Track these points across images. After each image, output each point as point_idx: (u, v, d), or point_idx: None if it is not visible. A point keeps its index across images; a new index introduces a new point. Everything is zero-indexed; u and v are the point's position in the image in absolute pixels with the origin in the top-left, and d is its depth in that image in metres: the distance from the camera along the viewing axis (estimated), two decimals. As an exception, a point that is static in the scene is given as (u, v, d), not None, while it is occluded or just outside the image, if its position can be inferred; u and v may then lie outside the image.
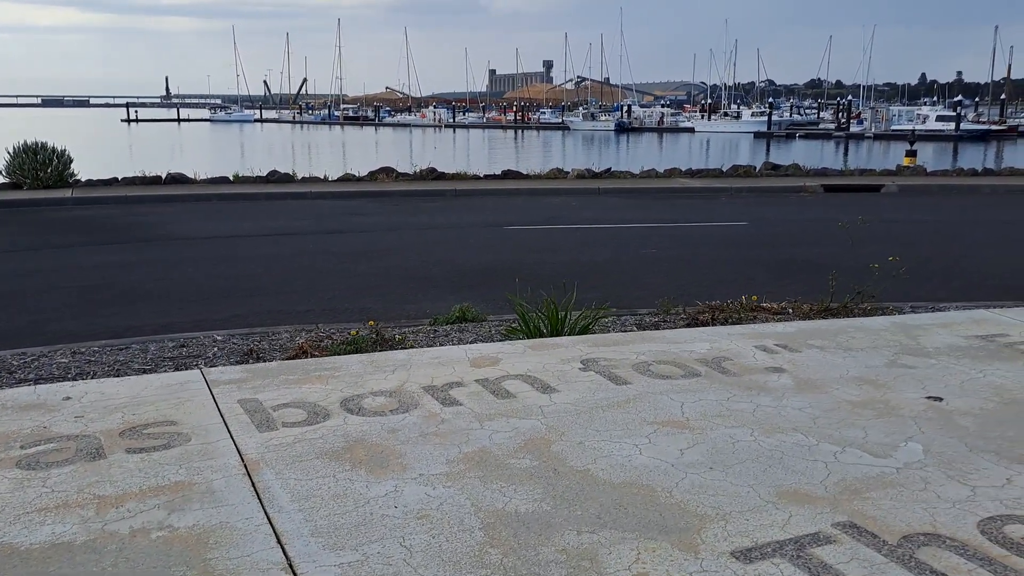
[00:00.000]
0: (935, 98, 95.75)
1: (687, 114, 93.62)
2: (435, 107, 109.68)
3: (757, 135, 68.47)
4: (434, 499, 2.92)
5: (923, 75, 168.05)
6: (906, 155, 22.99)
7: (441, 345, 5.49)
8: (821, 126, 76.39)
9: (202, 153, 48.34)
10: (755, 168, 21.57)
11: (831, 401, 3.95)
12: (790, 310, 6.96)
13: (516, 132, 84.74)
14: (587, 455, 3.32)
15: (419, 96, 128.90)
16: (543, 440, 3.46)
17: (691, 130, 79.73)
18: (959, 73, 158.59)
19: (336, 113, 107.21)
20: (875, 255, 7.30)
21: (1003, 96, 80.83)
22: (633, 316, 6.69)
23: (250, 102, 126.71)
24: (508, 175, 20.67)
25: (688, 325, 6.20)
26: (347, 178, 19.76)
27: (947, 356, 4.74)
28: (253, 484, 3.01)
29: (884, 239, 11.71)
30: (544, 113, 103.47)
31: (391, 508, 2.85)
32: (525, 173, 21.33)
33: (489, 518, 2.79)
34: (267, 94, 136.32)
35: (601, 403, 3.91)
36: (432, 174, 19.93)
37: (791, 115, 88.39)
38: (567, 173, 21.07)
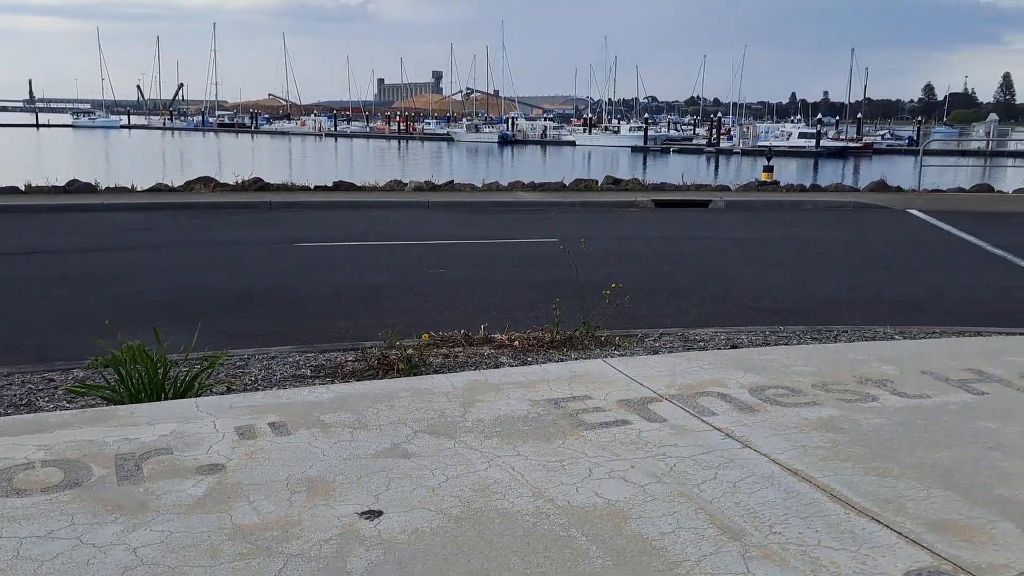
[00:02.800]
0: (799, 116, 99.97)
1: (570, 128, 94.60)
2: (316, 115, 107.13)
3: (634, 149, 69.66)
4: None
5: (793, 94, 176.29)
6: (764, 170, 23.26)
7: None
8: (695, 141, 78.46)
9: (49, 160, 45.19)
10: (597, 182, 21.37)
11: (211, 526, 2.81)
12: (516, 343, 6.32)
13: (400, 142, 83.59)
14: None
15: (302, 104, 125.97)
16: None
17: (572, 143, 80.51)
18: (825, 93, 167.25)
19: (210, 119, 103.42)
20: (662, 276, 6.75)
21: (859, 115, 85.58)
22: (350, 352, 5.89)
23: (120, 107, 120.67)
24: (340, 187, 19.71)
25: (377, 365, 5.45)
26: (159, 188, 18.32)
27: (480, 434, 3.68)
28: None
29: (676, 258, 11.31)
30: (429, 124, 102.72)
31: None
32: (359, 185, 20.36)
33: None
34: (140, 99, 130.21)
35: None
36: (255, 185, 18.74)
37: (668, 130, 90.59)
38: (405, 185, 20.24)
